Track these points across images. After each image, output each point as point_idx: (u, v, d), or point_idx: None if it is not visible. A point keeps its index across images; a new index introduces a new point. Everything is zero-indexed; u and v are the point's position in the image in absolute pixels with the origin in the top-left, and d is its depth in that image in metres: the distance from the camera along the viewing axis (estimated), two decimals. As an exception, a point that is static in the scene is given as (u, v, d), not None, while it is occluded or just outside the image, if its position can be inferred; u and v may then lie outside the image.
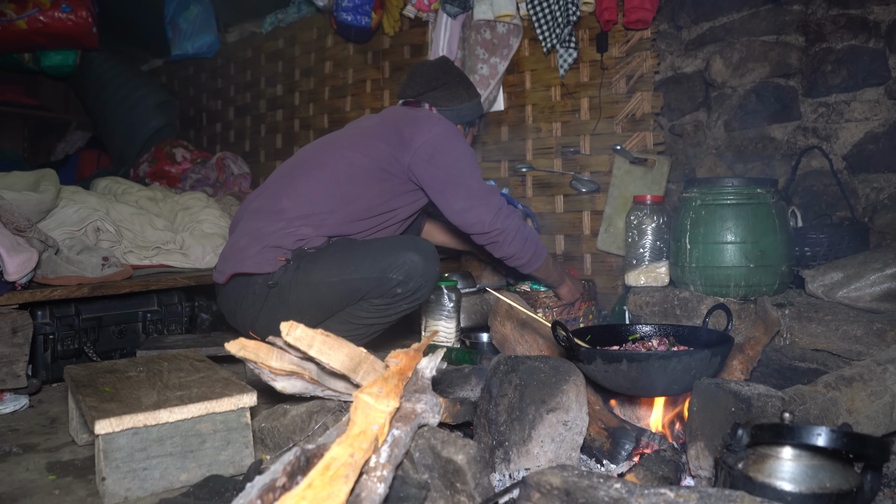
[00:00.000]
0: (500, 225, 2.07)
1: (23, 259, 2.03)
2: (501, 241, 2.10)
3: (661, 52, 3.09)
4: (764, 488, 1.01)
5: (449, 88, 2.31)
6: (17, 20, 4.03)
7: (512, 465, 1.26)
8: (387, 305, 1.99)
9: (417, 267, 1.93)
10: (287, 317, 1.98)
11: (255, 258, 1.96)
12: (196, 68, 5.05)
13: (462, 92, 2.33)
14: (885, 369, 1.47)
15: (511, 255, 2.14)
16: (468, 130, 2.42)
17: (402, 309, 2.03)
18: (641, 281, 2.38)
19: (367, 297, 1.96)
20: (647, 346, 1.61)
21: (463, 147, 2.12)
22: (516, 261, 2.16)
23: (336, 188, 2.03)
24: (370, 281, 1.92)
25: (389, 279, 1.91)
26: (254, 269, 1.96)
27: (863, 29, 2.62)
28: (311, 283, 1.93)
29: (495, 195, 2.11)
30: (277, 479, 0.89)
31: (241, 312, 2.04)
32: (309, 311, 1.97)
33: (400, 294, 1.96)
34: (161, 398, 1.41)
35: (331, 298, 1.97)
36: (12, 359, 1.96)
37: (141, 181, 4.12)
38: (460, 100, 2.32)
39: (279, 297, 1.96)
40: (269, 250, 1.97)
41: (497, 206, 2.08)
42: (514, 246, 2.12)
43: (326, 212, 2.00)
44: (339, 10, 3.56)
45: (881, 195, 2.62)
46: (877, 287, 2.00)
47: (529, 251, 2.15)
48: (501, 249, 2.12)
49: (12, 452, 1.59)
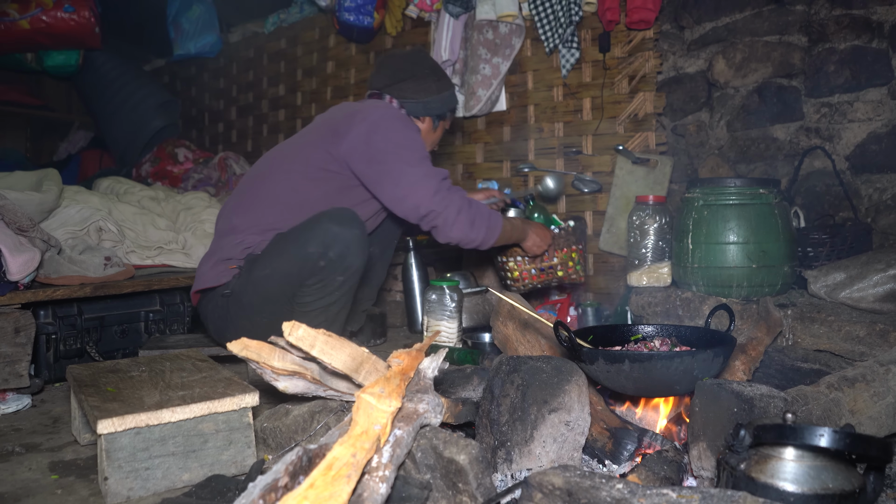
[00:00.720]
0: (438, 206, 1.97)
1: (25, 259, 2.03)
2: (441, 224, 2.00)
3: (664, 52, 3.08)
4: (766, 489, 1.01)
5: (417, 80, 2.24)
6: (19, 20, 4.04)
7: (514, 466, 1.26)
8: (322, 283, 1.96)
9: (331, 234, 1.91)
10: (246, 320, 2.06)
11: (209, 273, 2.08)
12: (198, 68, 5.06)
13: (431, 84, 2.25)
14: (888, 370, 1.46)
15: (459, 240, 2.03)
16: (438, 123, 2.34)
17: (339, 282, 1.97)
18: (644, 281, 2.38)
19: (302, 281, 1.96)
20: (649, 346, 1.60)
21: (403, 133, 2.05)
22: (468, 244, 2.06)
23: (278, 198, 2.09)
24: (295, 261, 1.94)
25: (310, 254, 1.92)
26: (212, 283, 2.07)
27: (866, 29, 2.62)
28: (254, 282, 2.01)
29: (436, 178, 2.02)
30: (280, 479, 0.89)
31: (213, 326, 2.16)
32: (262, 309, 2.03)
33: (325, 267, 1.93)
34: (163, 398, 1.41)
35: (273, 291, 2.00)
36: (15, 358, 1.96)
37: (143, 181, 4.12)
38: (428, 92, 2.24)
39: (237, 304, 2.05)
40: (221, 263, 2.08)
41: (435, 189, 1.98)
42: (459, 229, 2.01)
43: (272, 221, 2.07)
44: (341, 10, 3.56)
45: (884, 195, 2.62)
46: (880, 288, 1.99)
47: (479, 233, 2.05)
48: (444, 234, 2.02)
49: (15, 452, 1.59)
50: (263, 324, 2.04)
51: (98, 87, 4.76)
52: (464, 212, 2.03)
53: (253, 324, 2.06)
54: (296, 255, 1.94)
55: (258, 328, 2.04)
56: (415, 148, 2.05)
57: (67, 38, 4.24)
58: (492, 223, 2.08)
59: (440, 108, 2.29)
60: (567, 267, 2.44)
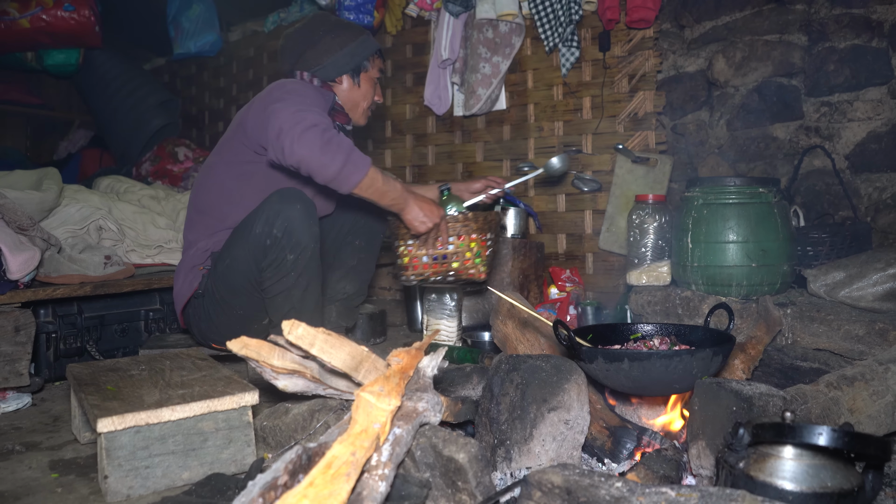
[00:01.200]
0: (289, 121, 1.78)
1: (25, 258, 2.03)
2: (289, 141, 1.77)
3: (664, 51, 3.08)
4: (765, 487, 1.01)
5: (316, 46, 2.14)
6: (19, 19, 4.04)
7: (513, 464, 1.26)
8: (275, 265, 1.93)
9: (273, 211, 1.89)
10: (223, 316, 2.07)
11: (183, 285, 2.13)
12: (198, 67, 5.06)
13: (329, 43, 2.14)
14: (887, 369, 1.47)
15: (306, 161, 1.78)
16: (357, 77, 2.20)
17: (291, 261, 1.92)
18: (643, 280, 2.38)
19: (258, 265, 1.95)
20: (648, 345, 1.60)
21: (290, 88, 1.97)
22: (319, 171, 1.80)
23: (213, 206, 2.12)
24: (246, 246, 1.94)
25: (257, 235, 1.92)
26: (188, 293, 2.11)
27: (866, 28, 2.62)
28: (219, 276, 2.02)
29: (304, 110, 1.84)
30: (279, 478, 0.89)
31: (197, 331, 2.19)
32: (233, 302, 2.05)
33: (272, 245, 1.90)
34: (163, 397, 1.41)
35: (238, 281, 2.01)
36: (15, 357, 1.97)
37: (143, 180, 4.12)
38: (332, 51, 2.14)
39: (211, 302, 2.07)
40: (191, 271, 2.12)
41: (295, 110, 1.82)
42: (307, 146, 1.76)
43: (217, 227, 2.10)
44: (341, 9, 3.56)
45: (884, 195, 2.62)
46: (879, 287, 1.99)
47: (334, 160, 1.78)
48: (290, 151, 1.78)
49: (15, 451, 1.59)
50: (238, 316, 2.08)
51: (98, 86, 4.76)
52: (317, 130, 1.79)
53: (229, 318, 2.08)
54: (246, 239, 1.95)
55: (234, 322, 2.08)
56: (289, 97, 1.91)
57: (67, 37, 4.24)
58: (354, 157, 1.82)
59: (350, 62, 2.17)
60: (464, 259, 2.10)
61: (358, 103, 2.24)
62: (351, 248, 2.45)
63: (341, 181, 1.84)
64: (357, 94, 2.23)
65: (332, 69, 2.16)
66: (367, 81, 2.24)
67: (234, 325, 2.08)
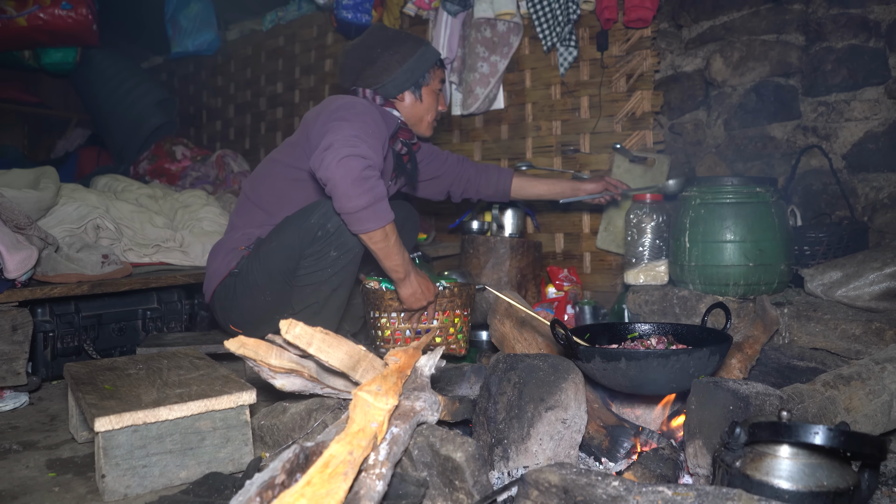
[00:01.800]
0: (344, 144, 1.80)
1: (23, 256, 2.03)
2: (331, 158, 1.77)
3: (662, 50, 3.09)
4: (761, 486, 1.01)
5: (374, 64, 2.13)
6: (17, 17, 4.03)
7: (511, 463, 1.26)
8: (317, 257, 1.96)
9: (333, 207, 1.89)
10: (249, 299, 2.08)
11: (220, 264, 2.15)
12: (196, 66, 5.05)
13: (389, 59, 2.13)
14: (884, 368, 1.47)
15: (337, 183, 1.77)
16: (419, 92, 2.18)
17: (333, 258, 1.95)
18: (641, 279, 2.39)
19: (302, 251, 1.97)
20: (645, 344, 1.61)
21: (352, 111, 1.95)
22: (343, 199, 1.79)
23: (261, 201, 2.15)
24: (297, 232, 1.97)
25: (311, 225, 1.95)
26: (224, 272, 2.13)
27: (863, 28, 2.62)
28: (260, 257, 2.04)
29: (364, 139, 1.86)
30: (277, 477, 0.89)
31: (220, 310, 2.20)
32: (265, 286, 2.06)
33: (321, 237, 1.93)
34: (161, 396, 1.41)
35: (277, 265, 2.02)
36: (12, 356, 1.96)
37: (141, 179, 4.12)
38: (390, 70, 2.13)
39: (243, 282, 2.08)
40: (231, 252, 2.14)
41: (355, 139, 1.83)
42: (344, 174, 1.76)
43: (261, 221, 2.14)
44: (339, 8, 3.56)
45: (880, 194, 2.62)
46: (876, 286, 2.00)
47: (362, 198, 1.78)
48: (325, 167, 1.78)
49: (12, 450, 1.59)
50: (264, 303, 2.09)
51: (96, 85, 4.75)
52: (362, 163, 1.80)
53: (255, 303, 2.09)
54: (299, 226, 1.98)
55: (259, 307, 2.09)
56: (354, 119, 1.92)
57: (65, 36, 4.23)
58: (380, 207, 1.83)
59: (410, 78, 2.15)
60: (447, 334, 2.12)
61: (422, 117, 2.23)
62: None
63: (356, 220, 1.83)
64: (420, 109, 2.22)
65: (392, 87, 2.15)
66: (429, 95, 2.21)
67: (259, 311, 2.10)
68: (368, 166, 1.82)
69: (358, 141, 1.84)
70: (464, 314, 2.14)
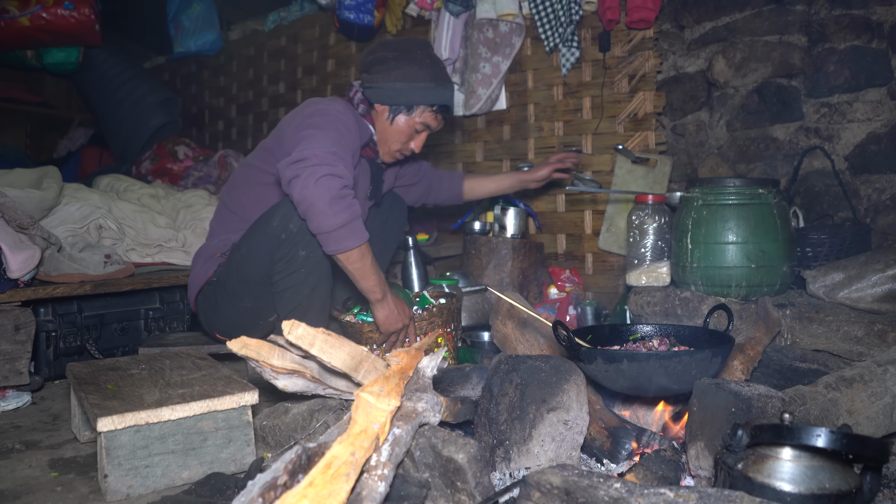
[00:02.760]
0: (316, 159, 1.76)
1: (25, 256, 2.03)
2: (305, 176, 1.74)
3: (664, 51, 3.09)
4: (763, 489, 1.01)
5: (385, 63, 2.06)
6: (19, 17, 4.04)
7: (512, 464, 1.26)
8: (287, 260, 1.94)
9: (292, 207, 1.88)
10: (231, 306, 2.07)
11: (199, 271, 2.14)
12: (198, 66, 5.06)
13: (396, 70, 2.05)
14: (886, 370, 1.47)
15: (312, 202, 1.75)
16: (394, 115, 2.10)
17: (303, 257, 1.92)
18: (643, 281, 2.39)
19: (272, 257, 1.96)
20: (647, 346, 1.61)
21: (324, 118, 1.93)
22: (317, 219, 1.77)
23: (238, 205, 2.14)
24: (263, 237, 1.96)
25: (274, 228, 1.93)
26: (203, 279, 2.12)
27: (866, 29, 2.62)
28: (234, 264, 2.03)
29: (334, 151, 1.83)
30: (279, 478, 0.89)
31: (205, 319, 2.19)
32: (243, 293, 2.05)
33: (286, 240, 1.91)
34: (163, 396, 1.42)
35: (250, 272, 2.01)
36: (15, 356, 1.97)
37: (143, 178, 4.12)
38: (389, 78, 2.05)
39: (222, 290, 2.07)
40: (210, 259, 2.13)
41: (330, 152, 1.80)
42: (319, 193, 1.73)
43: (243, 221, 2.12)
44: (341, 8, 3.56)
45: (883, 196, 2.62)
46: (878, 288, 1.99)
47: (338, 217, 1.76)
48: (301, 186, 1.75)
49: (15, 449, 1.60)
50: (246, 309, 2.08)
51: (98, 85, 4.76)
52: (339, 182, 1.77)
53: (237, 310, 2.08)
54: (263, 231, 1.96)
55: (241, 314, 2.08)
56: (329, 129, 1.89)
57: (68, 36, 4.24)
58: (356, 225, 1.82)
59: (396, 98, 2.06)
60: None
61: (387, 140, 2.16)
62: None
63: (332, 239, 1.81)
64: (389, 132, 2.14)
65: (378, 94, 2.08)
66: (405, 124, 2.12)
67: (241, 318, 2.09)
68: (345, 185, 1.81)
69: (335, 159, 1.81)
70: (447, 331, 2.05)
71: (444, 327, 2.04)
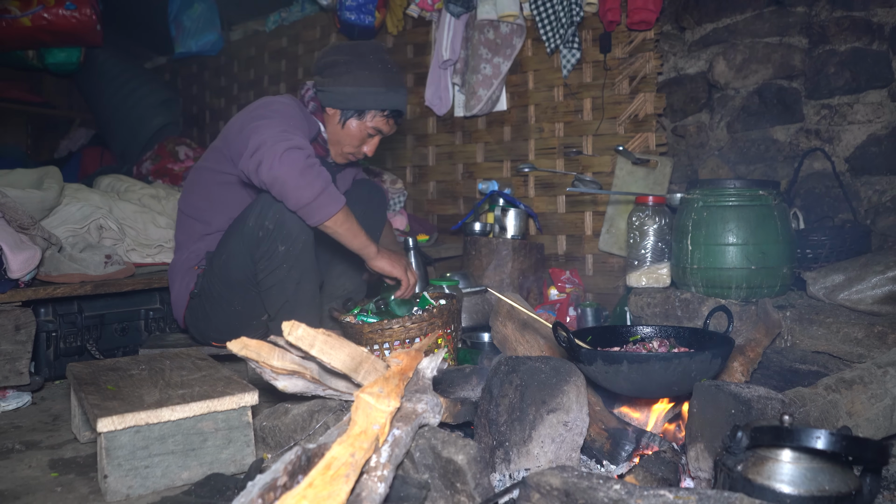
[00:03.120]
0: (271, 139, 1.77)
1: (26, 256, 2.03)
2: (269, 157, 1.75)
3: (665, 53, 3.09)
4: (763, 490, 1.01)
5: (336, 66, 2.06)
6: (21, 17, 4.04)
7: (512, 466, 1.26)
8: (267, 258, 1.95)
9: (265, 204, 1.89)
10: (221, 313, 2.08)
11: (179, 288, 2.16)
12: (199, 66, 5.06)
13: (347, 74, 2.04)
14: (886, 372, 1.47)
15: (283, 180, 1.76)
16: (345, 119, 2.09)
17: (282, 252, 1.92)
18: (643, 282, 2.39)
19: (252, 257, 1.97)
20: (647, 347, 1.61)
21: (268, 107, 1.93)
22: (294, 194, 1.79)
23: (197, 210, 2.15)
24: (241, 239, 1.97)
25: (250, 228, 1.94)
26: (186, 295, 2.14)
27: (866, 31, 2.62)
28: (216, 272, 2.05)
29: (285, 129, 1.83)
30: (278, 478, 0.89)
31: (195, 331, 2.21)
32: (230, 298, 2.07)
33: (264, 238, 1.92)
34: (163, 396, 1.42)
35: (234, 276, 2.03)
36: (15, 356, 1.97)
37: (144, 179, 4.12)
38: (340, 81, 2.05)
39: (208, 299, 2.09)
40: (186, 273, 2.15)
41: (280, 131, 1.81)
42: (287, 167, 1.74)
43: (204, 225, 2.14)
44: (342, 9, 3.56)
45: (883, 197, 2.62)
46: (878, 289, 1.99)
47: (311, 187, 1.78)
48: (267, 168, 1.76)
49: (15, 449, 1.60)
50: (236, 313, 2.09)
51: (99, 85, 4.76)
52: (301, 154, 1.78)
53: (227, 315, 2.10)
54: (241, 232, 1.97)
55: (232, 319, 2.10)
56: (275, 116, 1.89)
57: (69, 36, 4.24)
58: (332, 190, 1.82)
59: (347, 102, 2.06)
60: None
61: (338, 142, 2.16)
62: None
63: (314, 209, 1.82)
64: (338, 134, 2.14)
65: (329, 98, 2.08)
66: (357, 128, 2.11)
67: (232, 322, 2.09)
68: (309, 155, 1.82)
69: (288, 134, 1.82)
70: (447, 332, 2.05)
71: (444, 328, 2.05)
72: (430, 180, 3.69)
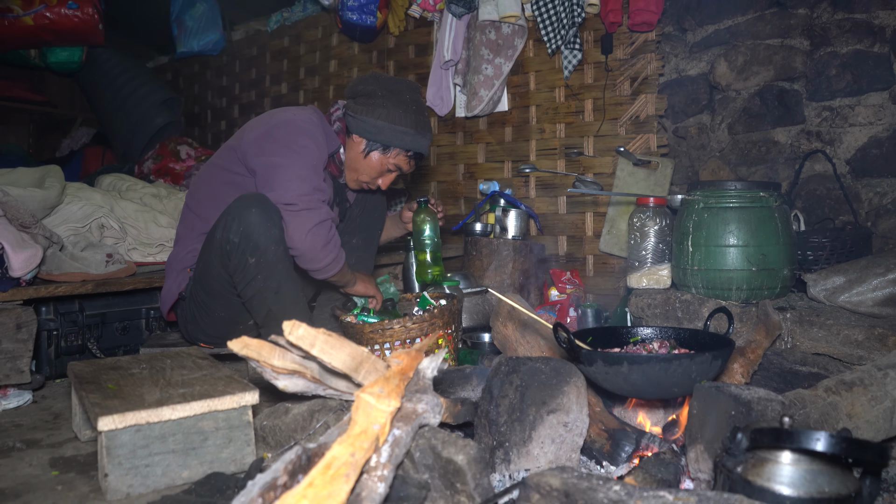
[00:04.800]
0: (304, 203, 1.94)
1: (27, 255, 2.04)
2: (300, 221, 1.94)
3: (666, 54, 3.09)
4: (762, 492, 1.01)
5: (371, 98, 2.12)
6: (23, 16, 4.04)
7: (512, 466, 1.26)
8: (240, 270, 1.96)
9: (232, 216, 1.91)
10: (207, 317, 2.11)
11: (171, 285, 2.19)
12: (201, 66, 5.07)
13: (379, 107, 2.11)
14: (886, 374, 1.47)
15: (308, 248, 1.98)
16: (370, 150, 2.17)
17: (252, 264, 1.94)
18: (643, 283, 2.39)
19: (226, 269, 1.98)
20: (648, 348, 1.61)
21: (295, 137, 1.99)
22: (311, 260, 2.01)
23: (200, 205, 2.18)
24: (212, 250, 1.99)
25: (218, 240, 1.96)
26: (176, 294, 2.18)
27: (868, 33, 2.62)
28: (197, 279, 2.09)
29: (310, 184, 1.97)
30: (279, 478, 0.89)
31: (185, 332, 2.24)
32: (213, 304, 2.10)
33: (232, 251, 1.93)
34: (164, 395, 1.42)
35: (212, 285, 2.05)
36: (16, 354, 1.97)
37: (145, 178, 4.13)
38: (374, 114, 2.11)
39: (194, 304, 2.13)
40: (180, 273, 2.18)
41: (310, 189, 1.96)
42: (313, 240, 1.97)
43: (201, 227, 2.15)
44: (344, 10, 3.57)
45: (884, 200, 2.62)
46: (879, 292, 1.99)
47: (328, 256, 2.02)
48: (295, 232, 1.95)
49: (15, 448, 1.60)
50: (221, 318, 2.12)
51: (101, 84, 4.77)
52: (325, 227, 1.98)
53: (213, 320, 2.13)
54: (211, 245, 1.99)
55: (219, 323, 2.12)
56: (301, 153, 1.99)
57: (71, 35, 4.25)
58: (340, 256, 2.05)
59: (375, 135, 2.13)
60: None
61: (356, 169, 2.22)
62: (348, 248, 2.46)
63: (322, 272, 2.06)
64: (358, 163, 2.20)
65: (358, 126, 2.13)
66: (377, 161, 2.19)
67: (220, 327, 2.13)
68: (330, 227, 2.01)
69: (316, 196, 1.97)
70: (447, 332, 2.06)
71: (444, 328, 2.05)
72: (431, 180, 3.69)
